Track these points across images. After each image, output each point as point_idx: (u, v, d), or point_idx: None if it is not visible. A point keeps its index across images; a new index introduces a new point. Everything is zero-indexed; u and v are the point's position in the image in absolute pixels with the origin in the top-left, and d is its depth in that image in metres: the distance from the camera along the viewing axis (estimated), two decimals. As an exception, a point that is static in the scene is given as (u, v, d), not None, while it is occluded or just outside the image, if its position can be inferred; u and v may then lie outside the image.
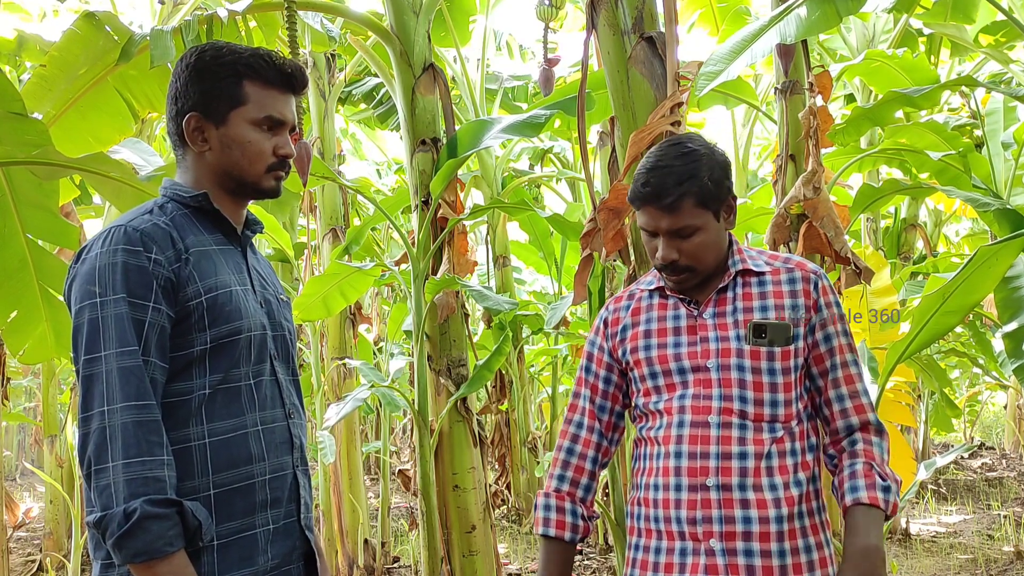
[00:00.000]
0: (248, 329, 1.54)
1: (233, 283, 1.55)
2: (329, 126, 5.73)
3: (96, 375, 1.40)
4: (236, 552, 1.48)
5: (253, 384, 1.55)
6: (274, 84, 1.59)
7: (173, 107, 1.59)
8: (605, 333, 1.82)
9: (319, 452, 4.93)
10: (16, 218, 3.18)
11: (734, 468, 1.61)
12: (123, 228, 1.47)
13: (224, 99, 1.56)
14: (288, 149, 1.61)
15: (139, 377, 1.41)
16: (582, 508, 1.80)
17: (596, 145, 4.88)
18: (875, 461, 1.67)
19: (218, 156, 1.57)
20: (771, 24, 2.75)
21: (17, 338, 3.38)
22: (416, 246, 3.83)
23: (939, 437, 11.39)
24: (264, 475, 1.53)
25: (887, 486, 1.64)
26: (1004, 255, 2.54)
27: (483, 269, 7.48)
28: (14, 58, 5.03)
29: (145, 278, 1.44)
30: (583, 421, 1.82)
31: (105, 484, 1.36)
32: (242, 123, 1.57)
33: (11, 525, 7.02)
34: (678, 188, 1.63)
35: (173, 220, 1.53)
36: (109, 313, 1.42)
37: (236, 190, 1.61)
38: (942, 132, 4.60)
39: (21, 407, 12.40)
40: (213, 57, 1.57)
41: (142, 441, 1.37)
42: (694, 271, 1.69)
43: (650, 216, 1.67)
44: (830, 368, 1.70)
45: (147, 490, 1.36)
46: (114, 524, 1.34)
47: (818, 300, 1.70)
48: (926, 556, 5.86)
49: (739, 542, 1.59)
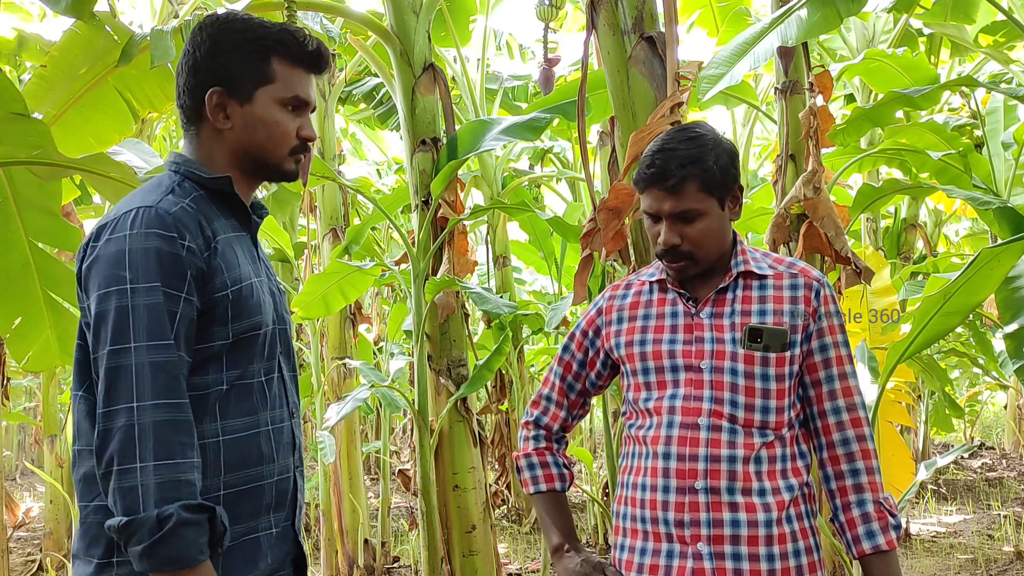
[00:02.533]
0: (266, 324, 1.47)
1: (252, 274, 1.48)
2: (329, 126, 5.73)
3: (124, 367, 1.31)
4: (240, 557, 1.42)
5: (264, 381, 1.48)
6: (301, 63, 1.51)
7: (191, 79, 1.49)
8: (598, 320, 1.81)
9: (319, 452, 4.93)
10: (19, 222, 3.17)
11: (723, 471, 1.60)
12: (153, 210, 1.37)
13: (251, 76, 1.47)
14: (311, 131, 1.53)
15: (173, 374, 1.32)
16: (563, 459, 1.89)
17: (596, 145, 4.89)
18: (880, 494, 1.66)
19: (240, 135, 1.49)
20: (772, 26, 2.75)
21: (21, 345, 3.36)
22: (416, 246, 3.83)
23: (939, 437, 11.38)
24: (272, 477, 1.47)
25: (896, 524, 1.65)
26: (1006, 257, 2.54)
27: (483, 269, 7.47)
28: (14, 58, 5.03)
29: (179, 267, 1.35)
30: (552, 396, 1.89)
31: (131, 486, 1.27)
32: (269, 102, 1.48)
33: (11, 525, 7.02)
34: (682, 170, 1.62)
35: (196, 203, 1.43)
36: (141, 302, 1.32)
37: (255, 172, 1.53)
38: (942, 132, 4.60)
39: (21, 407, 12.39)
40: (240, 30, 1.48)
41: (175, 442, 1.30)
42: (695, 259, 1.67)
43: (653, 198, 1.66)
44: (825, 379, 1.68)
45: (180, 494, 1.28)
46: (144, 530, 1.26)
47: (818, 308, 1.67)
48: (926, 556, 5.87)
49: (727, 546, 1.58)
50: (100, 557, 1.37)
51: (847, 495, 1.66)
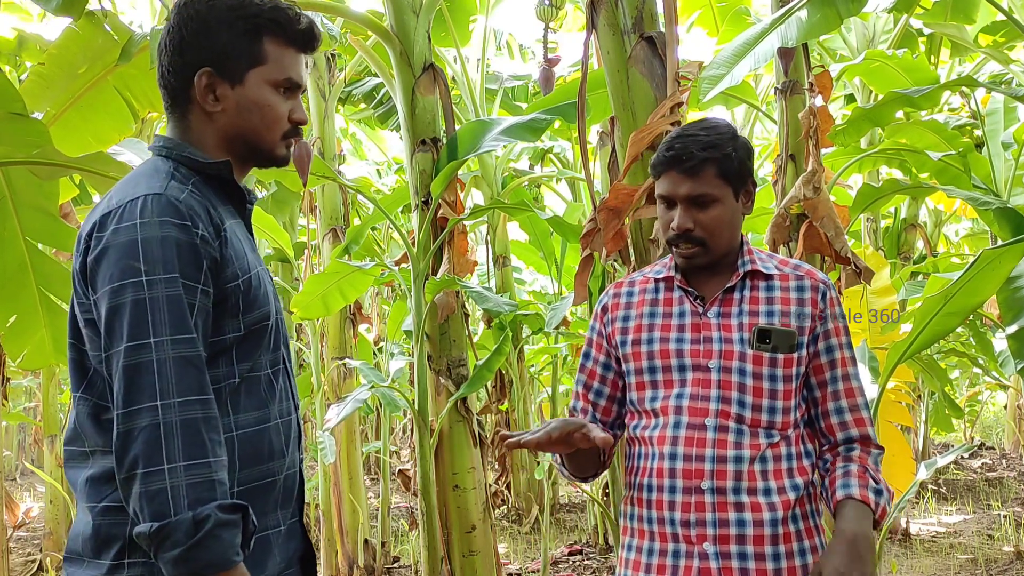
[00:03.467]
0: (273, 314, 1.42)
1: (256, 263, 1.42)
2: (329, 126, 5.73)
3: (144, 364, 1.23)
4: (248, 557, 1.33)
5: (271, 373, 1.43)
6: (293, 42, 1.45)
7: (178, 58, 1.41)
8: (604, 319, 1.79)
9: (319, 452, 4.92)
10: (16, 221, 3.17)
11: (729, 471, 1.60)
12: (164, 197, 1.30)
13: (243, 56, 1.40)
14: (302, 114, 1.47)
15: (199, 368, 1.26)
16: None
17: (596, 145, 4.88)
18: (869, 467, 1.67)
19: (232, 119, 1.42)
20: (772, 27, 2.75)
21: (16, 343, 3.37)
22: (416, 246, 3.83)
23: (939, 437, 11.38)
24: (282, 472, 1.42)
25: (879, 489, 1.64)
26: (1007, 258, 2.54)
27: (483, 269, 7.47)
28: (14, 58, 5.02)
29: (196, 257, 1.29)
30: (577, 405, 1.82)
31: (159, 488, 1.20)
32: (261, 84, 1.42)
33: (11, 525, 7.01)
34: (702, 153, 1.64)
35: (197, 189, 1.36)
36: (159, 294, 1.25)
37: (246, 156, 1.46)
38: (942, 132, 4.60)
39: (21, 407, 12.38)
40: (231, 7, 1.40)
41: (206, 440, 1.24)
42: (706, 246, 1.67)
43: (670, 181, 1.67)
44: (830, 380, 1.69)
45: (214, 495, 1.22)
46: (180, 534, 1.19)
47: (824, 311, 1.69)
48: (926, 556, 5.86)
49: (733, 545, 1.59)
50: (113, 558, 1.31)
51: (836, 463, 1.69)
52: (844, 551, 1.54)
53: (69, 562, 1.36)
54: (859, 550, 1.54)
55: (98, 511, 1.33)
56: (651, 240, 2.65)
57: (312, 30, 1.47)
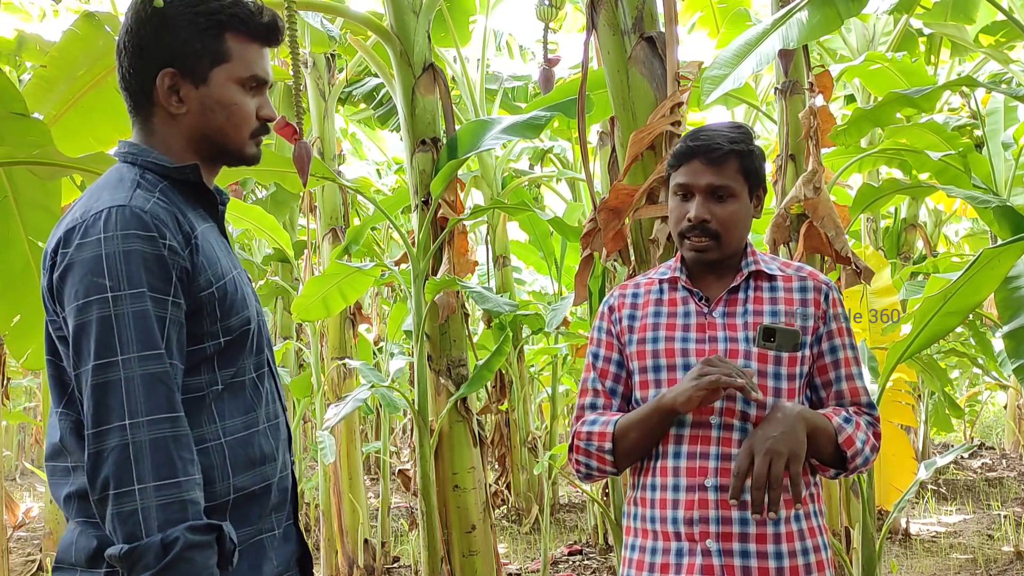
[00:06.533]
0: (254, 318, 1.40)
1: (231, 267, 1.39)
2: (329, 126, 5.73)
3: (112, 383, 1.21)
4: (245, 562, 1.33)
5: (256, 377, 1.40)
6: (256, 37, 1.40)
7: (137, 60, 1.36)
8: (611, 318, 1.79)
9: (319, 452, 4.92)
10: (19, 221, 3.17)
11: (732, 469, 1.61)
12: (127, 208, 1.26)
13: (205, 54, 1.36)
14: (270, 111, 1.43)
15: (167, 385, 1.23)
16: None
17: (596, 145, 4.89)
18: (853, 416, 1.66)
19: (197, 119, 1.38)
20: (773, 28, 2.75)
21: (20, 343, 3.36)
22: (416, 246, 3.83)
23: (939, 437, 11.37)
24: (275, 475, 1.40)
25: (849, 419, 1.64)
26: (1007, 257, 2.54)
27: (483, 269, 7.47)
28: (14, 58, 5.02)
29: (164, 269, 1.25)
30: (597, 403, 1.76)
31: (131, 510, 1.18)
32: (227, 82, 1.38)
33: (11, 525, 7.01)
34: (729, 144, 1.67)
35: (165, 196, 1.32)
36: (125, 310, 1.22)
37: (214, 157, 1.42)
38: (942, 132, 4.60)
39: (21, 407, 12.38)
40: (189, 3, 1.36)
41: (176, 459, 1.21)
42: (719, 241, 1.68)
43: (693, 171, 1.68)
44: (834, 380, 1.71)
45: (185, 515, 1.19)
46: (149, 556, 1.17)
47: (827, 311, 1.70)
48: (926, 556, 5.86)
49: (736, 543, 1.59)
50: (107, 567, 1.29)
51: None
52: (780, 419, 1.55)
53: (60, 572, 1.34)
54: (793, 423, 1.55)
55: (90, 524, 1.31)
56: (651, 240, 2.65)
57: (275, 23, 1.42)
